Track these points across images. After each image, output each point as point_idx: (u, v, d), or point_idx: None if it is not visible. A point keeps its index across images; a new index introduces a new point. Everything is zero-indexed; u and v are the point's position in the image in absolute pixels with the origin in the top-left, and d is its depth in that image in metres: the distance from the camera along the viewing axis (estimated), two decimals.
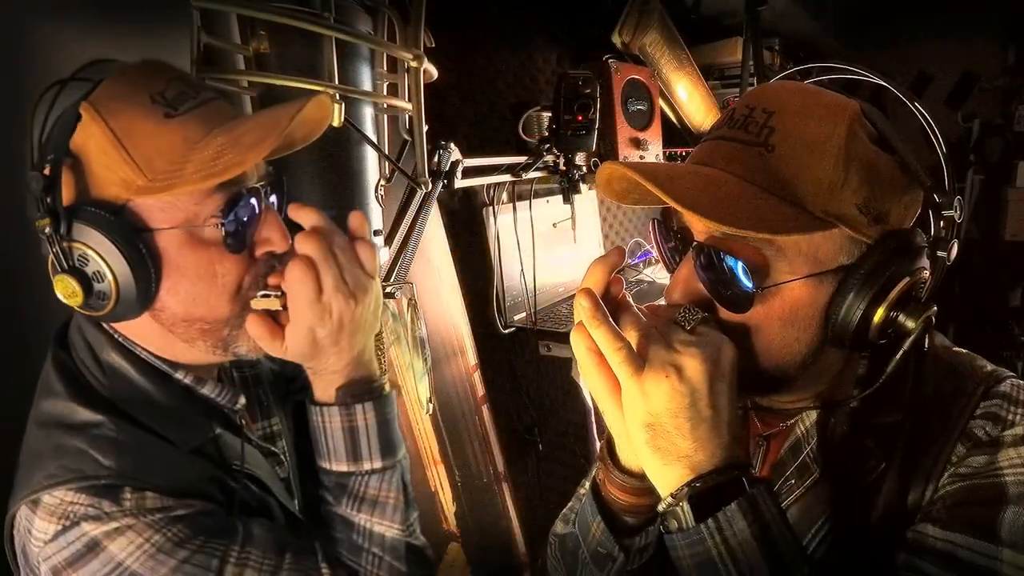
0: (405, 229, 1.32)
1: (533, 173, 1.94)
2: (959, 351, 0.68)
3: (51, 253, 0.63)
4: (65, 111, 0.63)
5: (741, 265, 0.58)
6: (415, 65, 1.06)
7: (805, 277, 0.58)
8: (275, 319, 0.70)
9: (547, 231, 2.19)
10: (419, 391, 1.64)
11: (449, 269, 1.84)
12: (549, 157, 1.89)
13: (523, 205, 2.04)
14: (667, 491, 0.55)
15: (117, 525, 0.61)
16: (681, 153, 2.55)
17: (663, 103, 2.50)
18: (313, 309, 0.68)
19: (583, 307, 0.57)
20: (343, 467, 0.74)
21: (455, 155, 1.42)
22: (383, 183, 1.10)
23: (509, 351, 2.14)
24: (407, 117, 1.12)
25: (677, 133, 2.72)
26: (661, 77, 2.44)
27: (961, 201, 0.60)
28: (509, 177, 1.88)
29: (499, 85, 2.07)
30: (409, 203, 1.31)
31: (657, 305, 0.63)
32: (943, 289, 0.61)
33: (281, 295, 0.69)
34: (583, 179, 1.96)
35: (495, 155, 1.81)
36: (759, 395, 0.70)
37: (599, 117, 1.82)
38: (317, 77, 0.94)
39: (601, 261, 0.61)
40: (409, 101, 1.09)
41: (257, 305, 0.69)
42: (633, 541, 0.68)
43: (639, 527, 0.68)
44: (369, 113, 1.06)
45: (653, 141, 2.33)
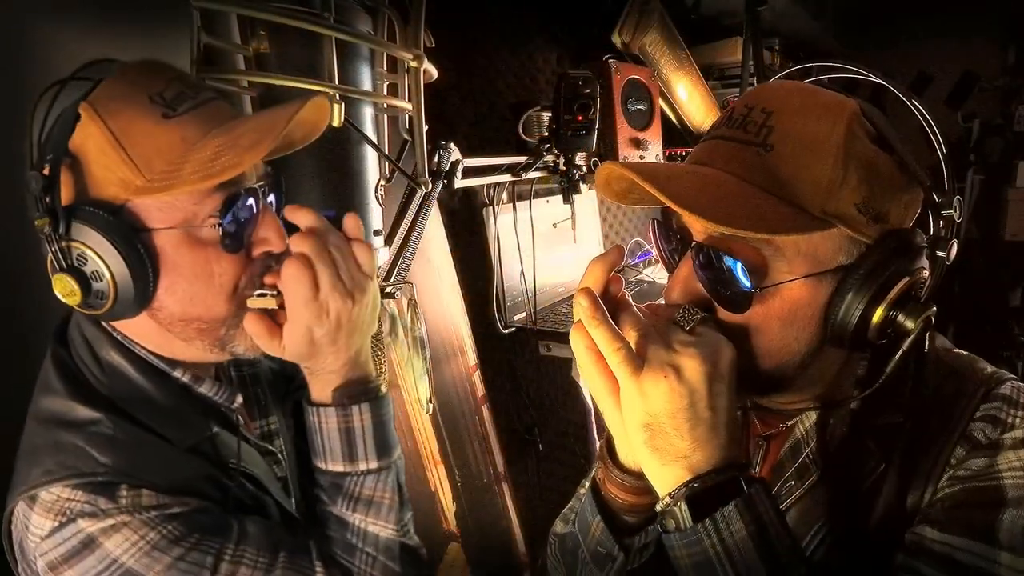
0: (405, 229, 1.32)
1: (533, 173, 1.94)
2: (960, 353, 0.68)
3: (50, 252, 0.63)
4: (64, 111, 0.63)
5: (740, 265, 0.58)
6: (415, 65, 1.06)
7: (804, 277, 0.58)
8: (273, 318, 0.70)
9: (547, 231, 2.19)
10: (419, 391, 1.64)
11: (449, 269, 1.84)
12: (549, 157, 1.90)
13: (523, 205, 2.04)
14: (665, 491, 0.55)
15: (113, 522, 0.61)
16: (681, 153, 2.55)
17: (663, 103, 2.50)
18: (310, 308, 0.68)
19: (582, 306, 0.57)
20: (339, 467, 0.74)
21: (455, 155, 1.42)
22: (383, 183, 1.10)
23: (509, 351, 2.14)
24: (407, 117, 1.12)
25: (677, 133, 2.72)
26: (661, 77, 2.44)
27: (961, 201, 0.60)
28: (509, 177, 1.88)
29: (499, 85, 2.08)
30: (409, 203, 1.31)
31: (657, 304, 0.63)
32: (943, 289, 0.61)
33: (277, 294, 0.69)
34: (583, 179, 1.96)
35: (495, 155, 1.81)
36: (758, 395, 0.70)
37: (599, 117, 1.83)
38: (317, 77, 0.94)
39: (600, 260, 0.61)
40: (409, 101, 1.09)
41: (253, 304, 0.69)
42: (633, 540, 0.68)
43: (639, 526, 0.68)
44: (369, 113, 1.06)
45: (653, 141, 2.33)
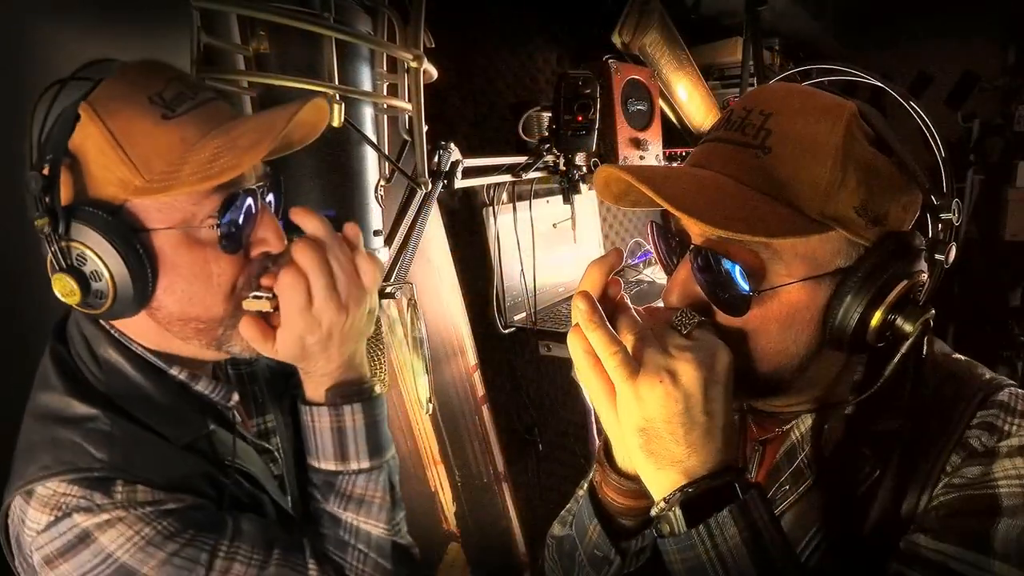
0: (405, 229, 1.32)
1: (533, 173, 1.93)
2: (958, 358, 0.67)
3: (49, 252, 0.63)
4: (64, 111, 0.63)
5: (738, 268, 0.57)
6: (415, 65, 1.06)
7: (802, 280, 0.58)
8: (267, 320, 0.71)
9: (547, 231, 2.19)
10: (419, 391, 1.64)
11: (449, 269, 1.84)
12: (549, 157, 1.89)
13: (523, 205, 2.04)
14: (660, 496, 0.55)
15: (108, 517, 0.62)
16: (681, 153, 2.55)
17: (663, 103, 2.50)
18: (303, 317, 0.68)
19: (579, 309, 0.57)
20: (331, 466, 0.75)
21: (455, 155, 1.42)
22: (383, 183, 1.10)
23: (509, 351, 2.14)
24: (407, 117, 1.12)
25: (677, 133, 2.72)
26: (661, 77, 2.44)
27: (959, 204, 0.60)
28: (509, 177, 1.87)
29: (499, 85, 2.08)
30: (409, 203, 1.31)
31: (656, 307, 0.63)
32: (943, 289, 0.61)
33: (272, 297, 0.69)
34: (583, 179, 1.96)
35: (495, 155, 1.81)
36: (755, 398, 0.70)
37: (599, 117, 1.82)
38: (317, 77, 0.94)
39: (599, 263, 0.61)
40: (409, 101, 1.09)
41: (249, 307, 0.70)
42: (630, 544, 0.68)
43: (636, 530, 0.68)
44: (369, 113, 1.06)
45: (653, 141, 2.32)
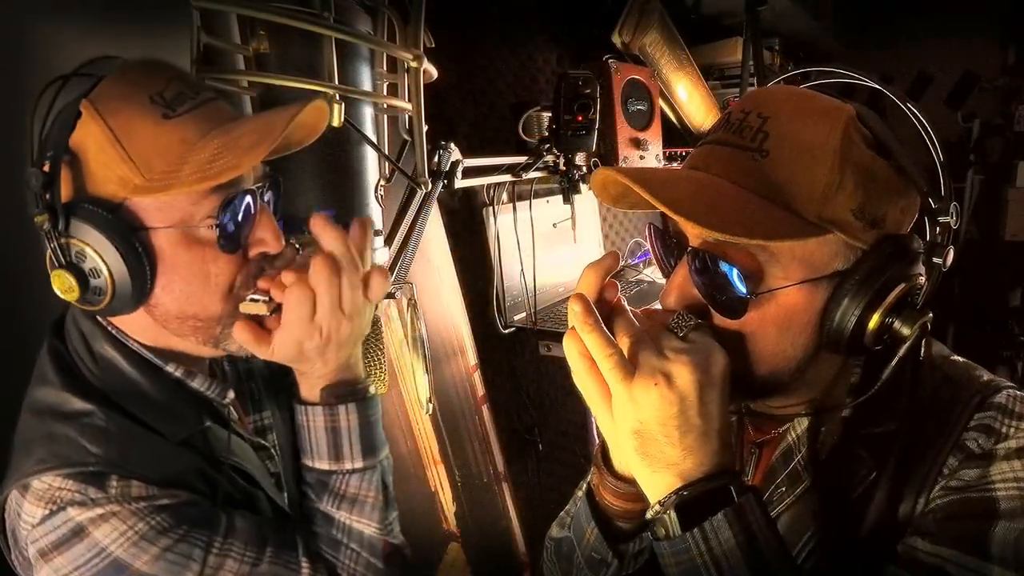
0: (405, 229, 1.32)
1: (533, 173, 1.93)
2: (956, 360, 0.67)
3: (49, 248, 0.64)
4: (65, 108, 0.63)
5: (736, 271, 0.57)
6: (415, 65, 1.06)
7: (799, 283, 0.58)
8: (261, 324, 0.71)
9: (547, 231, 2.19)
10: (419, 391, 1.65)
11: (449, 269, 1.84)
12: (549, 157, 1.89)
13: (523, 205, 2.04)
14: (655, 498, 0.55)
15: (102, 511, 0.62)
16: (681, 153, 2.55)
17: (663, 103, 2.50)
18: (304, 326, 0.68)
19: (575, 312, 0.57)
20: (325, 465, 0.75)
21: (455, 155, 1.42)
22: (383, 183, 1.10)
23: (509, 351, 2.14)
24: (407, 117, 1.12)
25: (677, 133, 2.72)
26: (661, 77, 2.43)
27: (958, 207, 0.59)
28: (509, 177, 1.87)
29: (499, 85, 2.07)
30: (409, 203, 1.31)
31: (653, 310, 0.63)
32: (943, 290, 0.61)
33: (269, 301, 0.69)
34: (583, 179, 1.96)
35: (495, 155, 1.81)
36: (752, 400, 0.70)
37: (599, 117, 1.82)
38: (317, 77, 0.94)
39: (595, 266, 0.61)
40: (409, 101, 1.09)
41: (246, 309, 0.70)
42: (627, 547, 0.68)
43: (633, 532, 0.68)
44: (369, 113, 1.06)
45: (653, 141, 2.32)
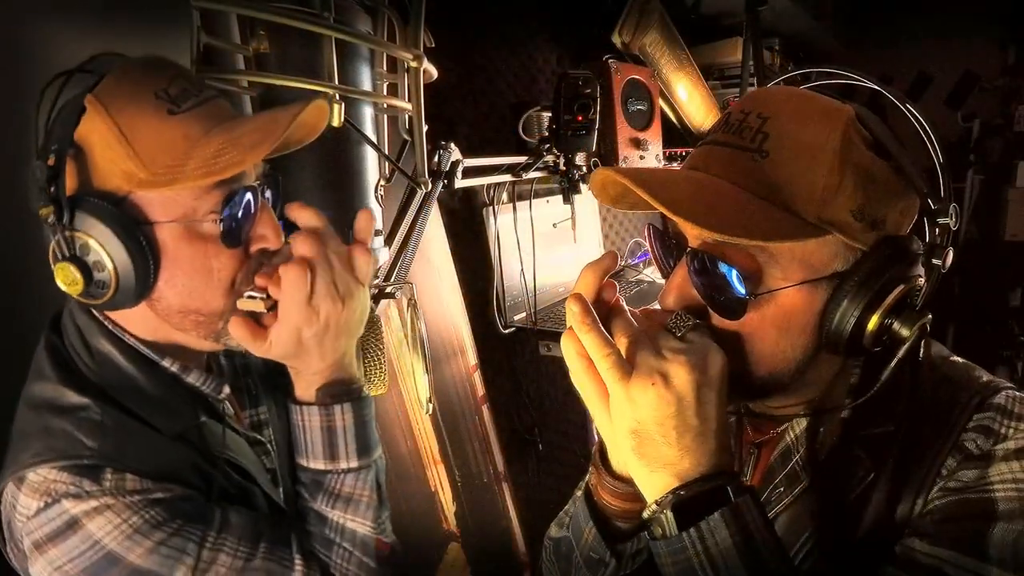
0: (405, 229, 1.32)
1: (533, 173, 1.94)
2: (955, 361, 0.67)
3: (53, 241, 0.64)
4: (70, 102, 0.63)
5: (735, 271, 0.57)
6: (415, 65, 1.06)
7: (798, 284, 0.58)
8: (258, 321, 0.71)
9: (547, 231, 2.19)
10: (419, 391, 1.65)
11: (449, 269, 1.84)
12: (549, 157, 1.89)
13: (523, 205, 2.04)
14: (652, 498, 0.55)
15: (96, 504, 0.62)
16: (681, 153, 2.55)
17: (663, 103, 2.50)
18: (302, 310, 0.69)
19: (573, 312, 0.57)
20: (320, 465, 0.75)
21: (455, 155, 1.42)
22: (383, 183, 1.10)
23: (509, 351, 2.14)
24: (407, 117, 1.12)
25: (677, 133, 2.72)
26: (661, 77, 2.44)
27: (957, 209, 0.59)
28: (509, 177, 1.87)
29: (499, 85, 2.07)
30: (409, 203, 1.32)
31: (652, 310, 0.63)
32: (943, 290, 0.61)
33: (267, 297, 0.70)
34: (583, 179, 1.96)
35: (495, 155, 1.81)
36: (751, 401, 0.70)
37: (599, 117, 1.82)
38: (317, 77, 0.94)
39: (593, 266, 0.61)
40: (409, 101, 1.09)
41: (243, 306, 0.70)
42: (625, 547, 0.68)
43: (631, 532, 0.68)
44: (369, 113, 1.06)
45: (653, 141, 2.32)
